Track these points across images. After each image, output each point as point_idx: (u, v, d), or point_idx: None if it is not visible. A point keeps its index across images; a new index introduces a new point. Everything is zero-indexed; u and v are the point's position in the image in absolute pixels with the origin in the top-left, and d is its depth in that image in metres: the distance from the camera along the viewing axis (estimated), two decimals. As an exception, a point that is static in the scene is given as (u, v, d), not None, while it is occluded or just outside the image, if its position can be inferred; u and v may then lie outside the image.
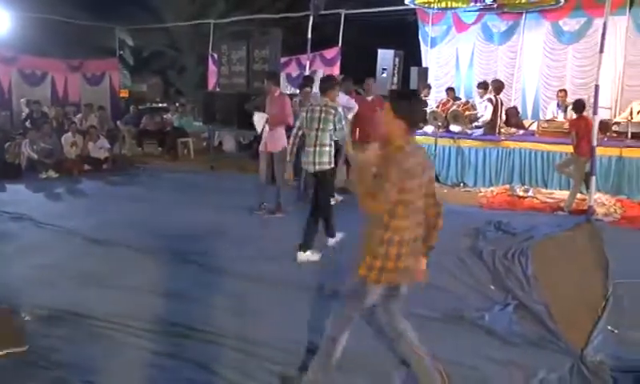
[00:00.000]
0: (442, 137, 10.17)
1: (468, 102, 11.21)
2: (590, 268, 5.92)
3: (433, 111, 10.54)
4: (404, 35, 13.90)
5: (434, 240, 3.48)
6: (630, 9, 11.31)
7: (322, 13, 11.89)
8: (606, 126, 9.50)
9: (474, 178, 10.04)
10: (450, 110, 10.49)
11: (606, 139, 9.18)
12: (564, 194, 8.67)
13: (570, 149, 8.56)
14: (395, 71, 11.60)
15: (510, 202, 8.97)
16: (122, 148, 14.47)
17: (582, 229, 7.35)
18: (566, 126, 9.65)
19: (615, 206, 8.46)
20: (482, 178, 9.98)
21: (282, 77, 11.67)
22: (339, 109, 6.25)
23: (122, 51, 18.96)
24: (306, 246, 6.03)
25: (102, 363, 3.83)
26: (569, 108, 10.46)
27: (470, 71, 13.20)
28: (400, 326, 3.46)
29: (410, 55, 13.20)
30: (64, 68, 16.44)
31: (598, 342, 4.27)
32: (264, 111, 8.08)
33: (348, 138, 9.25)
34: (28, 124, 12.89)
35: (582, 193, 8.41)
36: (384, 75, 11.16)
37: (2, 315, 4.37)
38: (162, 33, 20.09)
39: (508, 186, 9.66)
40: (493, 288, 5.41)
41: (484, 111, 10.18)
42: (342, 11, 13.37)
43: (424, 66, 12.94)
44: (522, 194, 9.22)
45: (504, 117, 10.55)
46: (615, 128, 9.69)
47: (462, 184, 10.04)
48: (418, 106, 3.24)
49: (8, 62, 15.07)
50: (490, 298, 5.16)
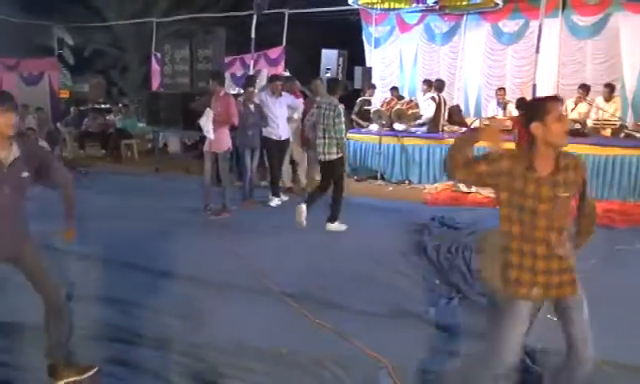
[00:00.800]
0: (386, 135, 10.26)
1: (412, 100, 11.36)
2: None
3: (377, 110, 10.63)
4: (348, 35, 13.97)
5: None
6: (563, 11, 11.72)
7: (266, 12, 11.85)
8: (543, 122, 9.75)
9: (418, 174, 10.17)
10: (394, 109, 10.60)
11: (543, 135, 9.41)
12: (505, 189, 8.88)
13: (510, 146, 8.74)
14: (339, 71, 11.66)
15: (454, 197, 9.12)
16: (63, 151, 14.05)
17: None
18: (507, 123, 9.89)
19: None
20: (427, 174, 10.12)
21: (227, 76, 11.55)
22: (340, 106, 7.02)
23: (61, 50, 18.33)
24: (333, 218, 7.08)
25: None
26: (508, 106, 10.76)
27: (414, 71, 13.39)
28: None
29: (355, 55, 13.31)
30: (-2, 67, 15.83)
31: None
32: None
33: (295, 138, 9.29)
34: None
35: (521, 187, 8.61)
36: (328, 75, 11.20)
37: None
38: (103, 31, 19.61)
39: (452, 182, 9.80)
40: (438, 282, 5.47)
41: (427, 109, 10.33)
42: (286, 11, 13.35)
43: (368, 65, 13.05)
44: (465, 190, 9.37)
45: (447, 115, 10.73)
46: (552, 125, 9.96)
47: (406, 181, 10.16)
48: None
49: None
50: (436, 292, 5.21)
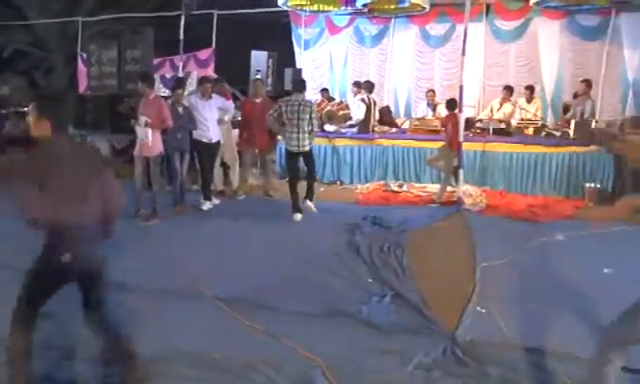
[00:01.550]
0: (317, 136, 10.23)
1: (342, 102, 11.43)
2: (461, 254, 6.22)
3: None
4: (279, 36, 13.91)
5: None
6: (487, 16, 12.10)
7: (195, 13, 11.63)
8: (471, 122, 10.06)
9: (349, 175, 10.23)
10: (325, 111, 10.63)
11: (471, 135, 9.70)
12: (435, 187, 9.08)
13: (439, 144, 8.98)
14: (269, 72, 11.59)
15: (385, 197, 9.22)
16: (-18, 158, 13.28)
17: (453, 219, 7.73)
18: (435, 123, 10.13)
19: (481, 196, 8.99)
20: (358, 175, 10.20)
21: (157, 78, 11.26)
22: (313, 103, 7.92)
23: (-23, 50, 17.37)
24: (309, 198, 8.05)
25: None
26: (437, 107, 10.99)
27: (344, 72, 13.46)
28: None
29: (285, 56, 13.26)
30: None
31: (468, 322, 4.48)
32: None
33: (227, 140, 9.16)
34: None
35: (451, 185, 8.84)
36: (258, 76, 11.11)
37: None
38: (25, 31, 18.64)
39: (383, 181, 9.94)
40: (370, 281, 5.51)
41: (357, 110, 10.42)
42: (215, 12, 13.15)
43: (298, 67, 13.04)
44: (396, 189, 9.52)
45: (377, 116, 10.85)
46: (479, 125, 10.27)
47: (338, 182, 10.21)
48: None
49: None
50: (368, 290, 5.25)
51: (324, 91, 12.17)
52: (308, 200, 8.06)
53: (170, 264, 5.78)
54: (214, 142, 8.45)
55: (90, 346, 3.95)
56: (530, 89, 10.74)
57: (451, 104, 8.84)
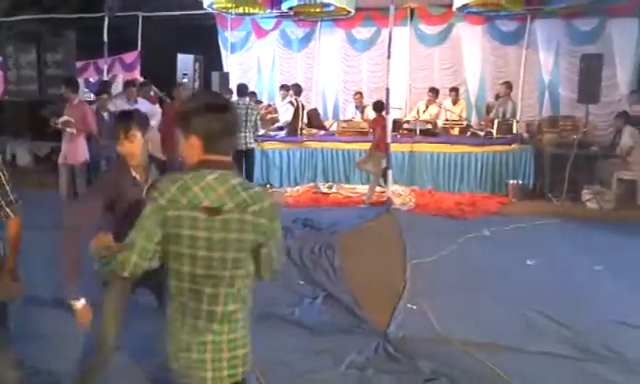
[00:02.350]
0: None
1: (270, 105, 11.36)
2: (391, 253, 6.27)
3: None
4: (205, 39, 13.65)
5: None
6: (411, 21, 12.34)
7: (119, 14, 11.28)
8: (398, 124, 10.20)
9: (279, 178, 10.15)
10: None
11: (398, 136, 9.83)
12: (365, 188, 9.13)
13: (367, 146, 9.05)
14: (196, 76, 11.36)
15: (315, 199, 9.21)
16: None
17: (383, 218, 7.79)
18: (363, 125, 10.21)
19: (410, 195, 9.14)
20: (287, 177, 10.14)
21: (81, 82, 10.80)
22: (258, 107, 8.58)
23: None
24: None
25: None
26: (365, 109, 11.08)
27: (272, 76, 13.37)
28: None
29: (213, 60, 13.05)
30: None
31: (399, 319, 4.50)
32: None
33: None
34: None
35: (380, 186, 8.91)
36: (185, 80, 10.86)
37: None
38: None
39: (312, 183, 9.93)
40: (302, 283, 5.50)
41: (285, 114, 10.37)
42: (140, 13, 12.80)
43: (225, 70, 12.85)
44: (326, 191, 9.53)
45: (305, 119, 10.83)
46: (406, 126, 10.42)
47: (268, 185, 10.10)
48: None
49: None
50: (300, 292, 5.23)
51: (252, 95, 11.99)
52: None
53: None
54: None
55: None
56: (455, 91, 11.02)
57: (378, 106, 8.94)
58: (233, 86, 12.64)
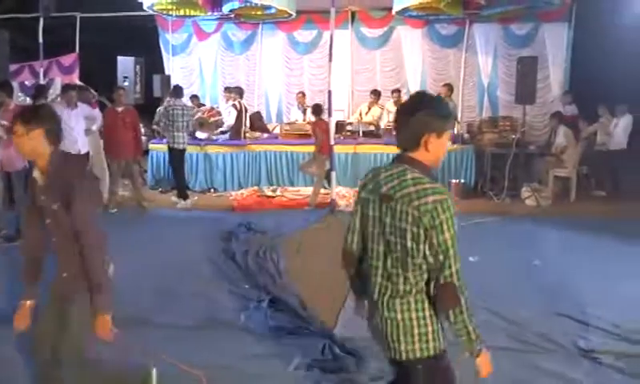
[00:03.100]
0: (189, 144, 9.95)
1: (213, 108, 11.22)
2: (336, 254, 6.18)
3: (198, 118, 10.32)
4: (146, 41, 13.36)
5: None
6: (352, 24, 12.46)
7: (55, 15, 10.87)
8: (341, 126, 10.26)
9: (223, 182, 10.05)
10: (196, 117, 10.35)
11: (342, 138, 9.89)
12: (309, 191, 9.12)
13: (311, 149, 9.06)
14: (137, 79, 11.10)
15: (260, 202, 9.15)
16: None
17: (327, 220, 7.79)
18: (307, 127, 10.20)
19: (354, 196, 9.13)
20: (231, 181, 10.05)
21: (15, 86, 10.31)
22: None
23: None
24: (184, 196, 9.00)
25: None
26: (307, 110, 11.09)
27: (215, 79, 13.23)
28: None
29: (153, 62, 12.79)
30: None
31: (345, 320, 4.51)
32: None
33: (97, 151, 8.64)
34: None
35: (324, 188, 8.93)
36: (126, 83, 10.59)
37: None
38: None
39: (257, 187, 9.86)
40: (247, 287, 5.44)
41: (228, 117, 10.26)
42: (78, 14, 12.42)
43: (167, 73, 12.63)
44: (270, 194, 9.48)
45: (248, 122, 10.74)
46: (349, 128, 10.49)
47: (212, 189, 9.98)
48: None
49: None
50: (245, 297, 5.18)
51: (194, 98, 11.86)
52: (181, 199, 8.84)
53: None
54: (82, 153, 7.96)
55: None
56: (397, 92, 11.17)
57: (317, 110, 8.97)
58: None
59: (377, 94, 11.08)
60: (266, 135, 10.81)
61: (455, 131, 9.91)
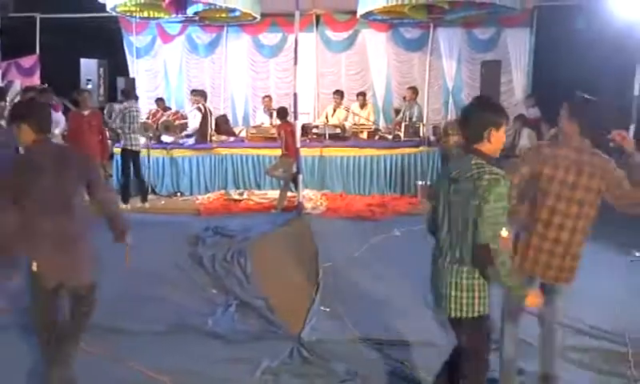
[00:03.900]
0: (154, 148, 9.85)
1: (178, 112, 11.09)
2: (304, 257, 6.27)
3: (144, 122, 10.16)
4: (110, 43, 13.13)
5: None
6: (317, 27, 12.49)
7: (13, 15, 10.62)
8: (307, 129, 10.27)
9: (189, 186, 9.95)
10: (161, 121, 10.23)
11: (308, 141, 9.90)
12: (276, 194, 9.08)
13: (278, 152, 9.05)
14: (101, 82, 10.92)
15: (227, 206, 9.07)
16: None
17: (294, 223, 7.76)
18: (273, 131, 10.18)
19: (321, 199, 9.21)
20: (198, 185, 9.95)
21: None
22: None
23: None
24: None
25: None
26: (274, 114, 11.07)
27: (180, 81, 13.10)
28: None
29: (119, 65, 12.61)
30: None
31: (313, 323, 4.52)
32: None
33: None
34: None
35: (291, 191, 8.92)
36: (89, 86, 10.41)
37: None
38: None
39: (223, 191, 9.79)
40: (215, 292, 5.39)
41: (193, 120, 10.17)
42: (38, 15, 12.17)
43: (131, 76, 12.46)
44: (237, 198, 9.42)
45: (214, 125, 10.67)
46: (315, 131, 10.51)
47: (178, 193, 9.87)
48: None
49: None
50: (213, 301, 5.15)
51: (159, 101, 11.73)
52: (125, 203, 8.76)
53: (6, 297, 5.18)
54: (45, 157, 7.78)
55: None
56: (363, 95, 11.22)
57: (282, 113, 8.97)
58: (141, 92, 12.37)
59: (340, 95, 11.11)
60: (232, 139, 10.74)
61: (421, 134, 10.02)
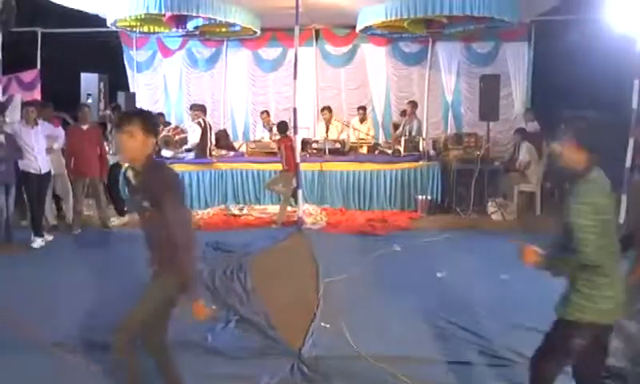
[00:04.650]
0: (154, 163, 9.82)
1: (178, 126, 11.10)
2: (304, 273, 6.24)
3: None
4: (111, 58, 13.16)
5: None
6: (317, 42, 12.53)
7: (15, 30, 10.63)
8: (307, 144, 10.26)
9: (189, 201, 9.85)
10: (161, 136, 10.22)
11: (308, 156, 9.88)
12: (276, 209, 9.06)
13: (278, 167, 9.03)
14: (101, 96, 10.92)
15: (226, 221, 9.05)
16: None
17: (294, 238, 7.75)
18: (272, 145, 10.16)
19: (321, 214, 9.18)
20: (198, 200, 9.89)
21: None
22: None
23: None
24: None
25: None
26: (273, 128, 11.06)
27: (180, 96, 13.12)
28: None
29: (119, 79, 12.63)
30: None
31: (313, 339, 4.47)
32: None
33: (60, 170, 8.46)
34: None
35: (291, 206, 8.89)
36: (90, 101, 10.41)
37: None
38: None
39: (223, 206, 9.76)
40: (215, 307, 5.32)
41: (193, 135, 10.15)
42: (39, 29, 12.20)
43: (132, 90, 12.47)
44: (237, 213, 9.39)
45: (214, 139, 10.66)
46: (315, 145, 10.48)
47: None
48: None
49: None
50: (213, 317, 5.06)
51: (160, 116, 11.72)
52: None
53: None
54: (43, 172, 7.81)
55: None
56: (362, 109, 11.26)
57: (282, 127, 8.96)
58: (141, 105, 12.33)
59: (328, 110, 11.10)
60: (232, 153, 10.72)
61: (421, 148, 10.00)
